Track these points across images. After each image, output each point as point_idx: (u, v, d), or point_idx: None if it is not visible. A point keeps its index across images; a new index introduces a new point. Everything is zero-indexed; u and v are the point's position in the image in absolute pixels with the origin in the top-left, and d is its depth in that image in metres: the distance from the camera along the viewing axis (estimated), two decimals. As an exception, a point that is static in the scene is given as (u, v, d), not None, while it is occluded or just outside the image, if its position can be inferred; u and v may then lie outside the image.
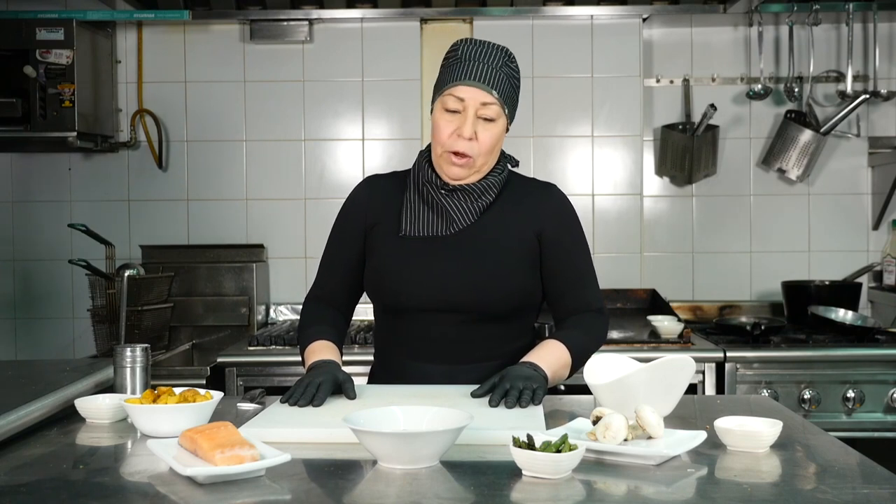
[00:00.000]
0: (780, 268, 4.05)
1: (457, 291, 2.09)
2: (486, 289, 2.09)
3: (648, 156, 4.09)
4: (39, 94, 3.59)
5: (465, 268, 2.09)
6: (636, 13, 3.93)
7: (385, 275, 2.14)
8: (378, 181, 2.26)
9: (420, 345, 2.14)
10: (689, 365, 1.90)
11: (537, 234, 2.15)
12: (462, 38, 2.13)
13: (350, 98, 4.02)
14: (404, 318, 2.14)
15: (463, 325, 2.11)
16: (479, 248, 2.11)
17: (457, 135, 2.05)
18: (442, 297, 2.09)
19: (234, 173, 4.04)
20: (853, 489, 1.44)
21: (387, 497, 1.40)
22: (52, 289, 4.03)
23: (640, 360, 1.96)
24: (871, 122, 4.06)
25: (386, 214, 2.17)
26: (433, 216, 2.12)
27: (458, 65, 2.06)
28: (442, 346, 2.13)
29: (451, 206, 2.11)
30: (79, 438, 1.85)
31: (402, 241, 2.13)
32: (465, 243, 2.11)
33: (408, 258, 2.12)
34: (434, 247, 2.11)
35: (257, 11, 3.89)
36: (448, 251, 2.11)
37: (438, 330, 2.12)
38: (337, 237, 2.25)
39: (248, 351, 3.28)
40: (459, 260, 2.10)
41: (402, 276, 2.12)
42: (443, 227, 2.12)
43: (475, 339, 2.13)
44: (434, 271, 2.10)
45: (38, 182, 4.03)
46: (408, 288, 2.11)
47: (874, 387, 3.21)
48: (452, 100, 2.05)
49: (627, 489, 1.46)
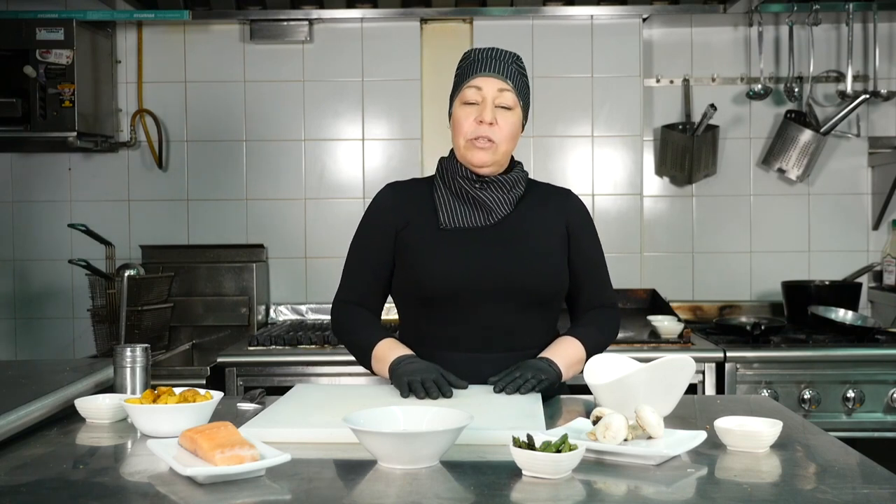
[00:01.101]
0: (780, 268, 4.05)
1: (504, 275, 2.15)
2: (531, 272, 2.16)
3: (648, 156, 4.09)
4: (39, 94, 3.59)
5: (510, 254, 2.17)
6: (636, 13, 3.93)
7: (430, 265, 2.16)
8: (401, 186, 2.32)
9: (467, 334, 2.16)
10: (689, 365, 1.90)
11: (566, 229, 2.26)
12: (472, 48, 2.28)
13: (350, 98, 4.02)
14: (448, 308, 2.16)
15: (505, 311, 2.16)
16: (519, 236, 2.19)
17: (477, 122, 2.15)
18: (490, 281, 2.14)
19: (234, 173, 4.04)
20: (853, 489, 1.44)
21: (387, 497, 1.40)
22: (52, 289, 4.03)
23: (640, 360, 1.96)
24: (871, 122, 4.06)
25: (418, 214, 2.22)
26: (469, 209, 2.20)
27: (473, 64, 2.19)
28: (490, 334, 2.16)
29: (488, 197, 2.19)
30: (79, 438, 1.85)
31: (441, 233, 2.18)
32: (504, 232, 2.19)
33: (452, 248, 2.17)
34: (475, 236, 2.18)
35: (257, 11, 3.89)
36: (490, 239, 2.18)
37: (485, 318, 2.16)
38: (365, 240, 2.27)
39: (248, 351, 3.28)
40: (503, 247, 2.17)
41: (449, 265, 2.15)
42: (481, 219, 2.19)
43: (518, 327, 2.18)
44: (480, 258, 2.15)
45: (38, 182, 4.03)
46: (456, 274, 2.14)
47: (874, 387, 3.21)
48: (471, 91, 2.16)
49: (627, 489, 1.46)
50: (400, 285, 2.23)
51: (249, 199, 4.04)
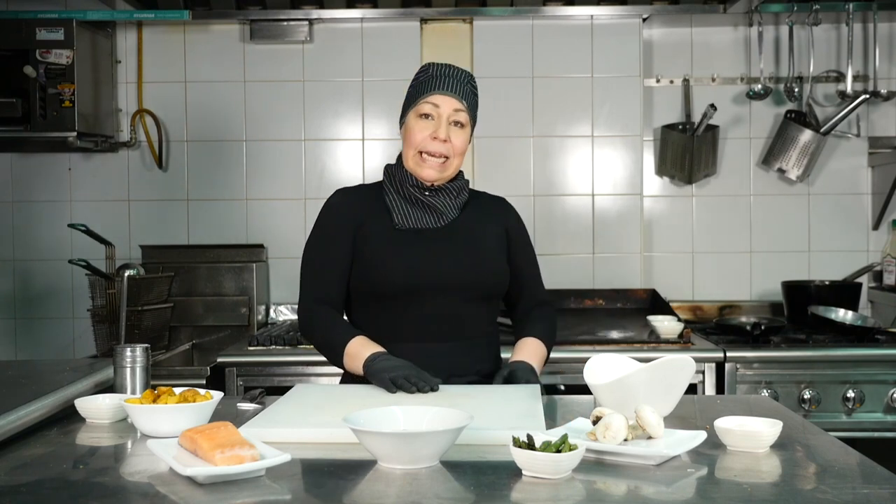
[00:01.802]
0: (780, 268, 4.05)
1: (456, 271, 2.30)
2: (479, 269, 2.33)
3: (648, 156, 4.09)
4: (39, 94, 3.59)
5: (460, 252, 2.32)
6: (636, 13, 3.93)
7: (388, 263, 2.28)
8: (351, 190, 2.45)
9: (420, 325, 2.29)
10: (689, 365, 1.90)
11: (506, 231, 2.45)
12: (430, 62, 2.39)
13: (350, 98, 4.02)
14: (402, 302, 2.28)
15: (456, 304, 2.30)
16: (467, 237, 2.36)
17: (431, 137, 2.28)
18: (444, 277, 2.29)
19: (234, 173, 4.04)
20: (853, 489, 1.44)
21: (387, 497, 1.41)
22: (52, 289, 4.03)
23: (640, 360, 1.96)
24: (871, 122, 4.06)
25: (372, 215, 2.34)
26: (421, 212, 2.34)
27: (431, 80, 2.32)
28: (441, 325, 2.30)
29: (438, 202, 2.34)
30: (79, 438, 1.85)
31: (397, 233, 2.32)
32: (453, 233, 2.35)
33: (408, 247, 2.30)
34: (428, 237, 2.33)
35: (257, 11, 3.89)
36: (442, 240, 2.33)
37: (437, 310, 2.29)
38: (327, 242, 2.35)
39: (248, 351, 3.28)
40: (453, 246, 2.33)
41: (406, 263, 2.28)
42: (432, 221, 2.34)
43: (465, 318, 2.32)
44: (434, 256, 2.30)
45: (38, 182, 4.03)
46: (413, 271, 2.27)
47: (874, 387, 3.21)
48: (428, 106, 2.30)
49: (627, 489, 1.46)
50: (355, 281, 2.33)
51: (249, 199, 4.04)
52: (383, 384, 2.08)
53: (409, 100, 2.36)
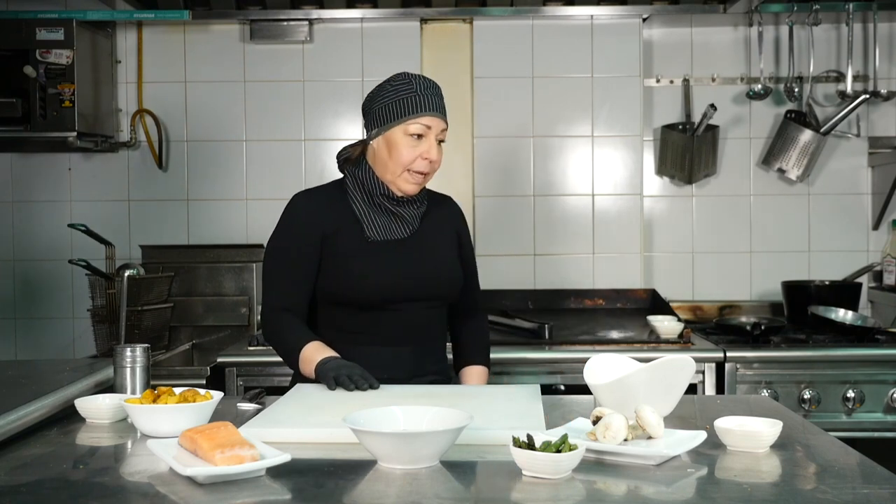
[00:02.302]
0: (780, 268, 4.05)
1: (424, 281, 2.38)
2: (444, 278, 2.43)
3: (648, 156, 4.09)
4: (39, 94, 3.59)
5: (426, 261, 2.40)
6: (636, 13, 3.93)
7: (360, 276, 2.33)
8: (315, 194, 2.48)
9: (387, 331, 2.36)
10: (689, 365, 1.90)
11: (457, 234, 2.54)
12: (406, 73, 2.40)
13: (350, 98, 4.02)
14: (370, 309, 2.34)
15: (422, 311, 2.39)
16: (430, 246, 2.43)
17: (422, 157, 2.33)
18: (413, 287, 2.36)
19: (234, 173, 4.04)
20: (853, 489, 1.44)
21: (387, 497, 1.41)
22: (52, 289, 4.03)
23: (639, 360, 1.96)
24: (871, 122, 4.06)
25: (342, 223, 2.38)
26: (389, 223, 2.38)
27: (419, 98, 2.33)
28: (407, 331, 2.37)
29: (406, 213, 2.40)
30: (79, 438, 1.85)
31: (368, 245, 2.36)
32: (419, 242, 2.42)
33: (380, 258, 2.35)
34: (398, 247, 2.38)
35: (257, 11, 3.89)
36: (409, 250, 2.39)
37: (403, 317, 2.36)
38: (292, 247, 2.38)
39: (248, 351, 3.28)
40: (420, 256, 2.40)
41: (378, 274, 2.33)
42: (400, 231, 2.39)
43: (431, 322, 2.42)
44: (404, 267, 2.36)
45: (38, 182, 4.03)
46: (386, 283, 2.33)
47: (874, 387, 3.21)
48: (420, 127, 2.32)
49: (627, 489, 1.46)
50: (324, 289, 2.37)
51: (249, 199, 4.04)
52: (326, 382, 2.14)
53: (394, 114, 2.34)
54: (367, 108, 2.42)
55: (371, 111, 2.39)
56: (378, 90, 2.39)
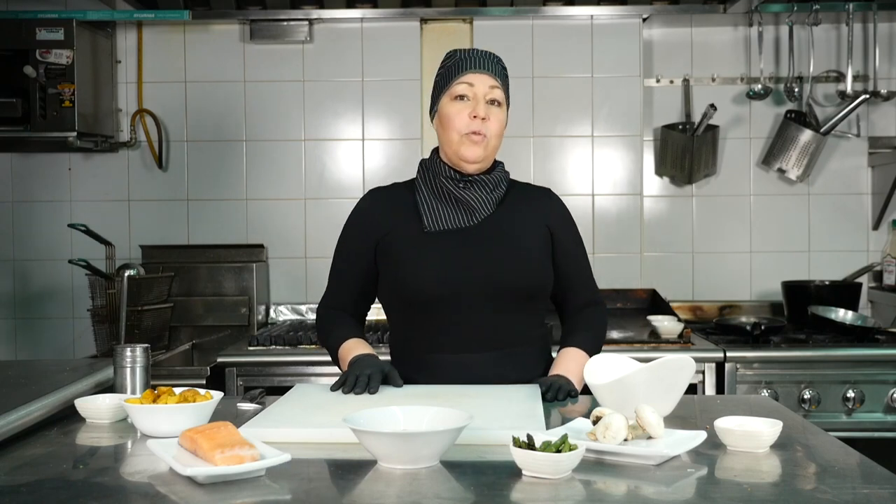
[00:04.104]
0: (780, 268, 4.05)
1: (487, 275, 2.16)
2: (513, 271, 2.18)
3: (648, 156, 4.09)
4: (39, 94, 3.59)
5: (492, 253, 2.18)
6: (636, 13, 3.93)
7: (415, 270, 2.17)
8: (382, 192, 2.33)
9: (453, 336, 2.18)
10: (689, 365, 1.90)
11: (549, 228, 2.30)
12: (455, 49, 2.26)
13: (350, 98, 4.02)
14: (433, 311, 2.17)
15: (492, 311, 2.17)
16: (501, 235, 2.21)
17: (471, 117, 2.15)
18: (474, 282, 2.16)
19: (234, 173, 4.04)
20: (853, 489, 1.44)
21: (387, 497, 1.40)
22: (52, 289, 4.03)
23: (640, 360, 1.96)
24: (871, 122, 4.07)
25: (400, 219, 2.23)
26: (453, 210, 2.20)
27: (463, 62, 2.19)
28: (475, 335, 2.18)
29: (471, 197, 2.19)
30: (79, 438, 1.85)
31: (426, 237, 2.19)
32: (486, 232, 2.20)
33: (436, 251, 2.18)
34: (459, 238, 2.19)
35: (257, 11, 3.89)
36: (473, 240, 2.19)
37: (470, 319, 2.17)
38: (346, 250, 2.31)
39: (248, 351, 3.28)
40: (485, 247, 2.19)
41: (434, 269, 2.17)
42: (464, 219, 2.20)
43: (503, 326, 2.19)
44: (464, 259, 2.17)
45: (38, 182, 4.03)
46: (442, 278, 2.16)
47: (874, 387, 3.21)
48: (463, 86, 2.17)
49: (627, 489, 1.46)
50: (385, 291, 2.26)
51: (249, 199, 4.04)
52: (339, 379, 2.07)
53: (439, 86, 2.23)
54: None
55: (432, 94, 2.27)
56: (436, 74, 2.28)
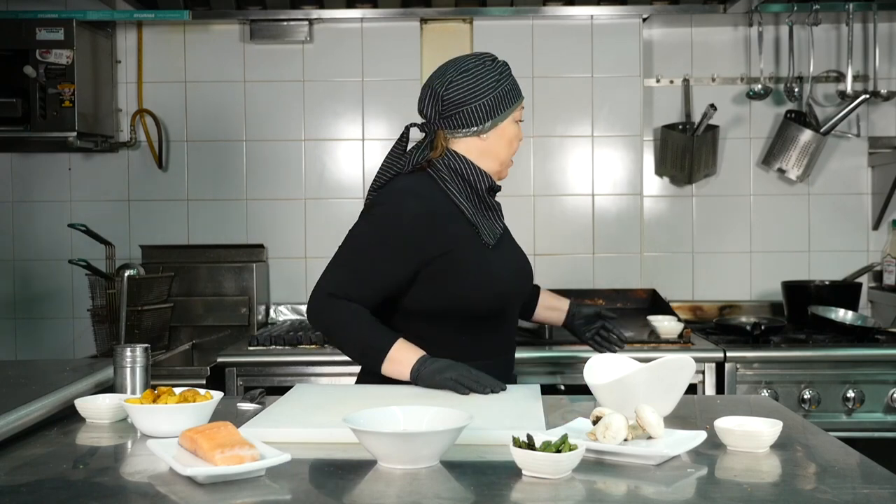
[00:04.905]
0: (780, 268, 4.05)
1: (529, 277, 2.35)
2: (531, 274, 2.37)
3: (648, 156, 4.09)
4: (39, 94, 3.59)
5: (524, 259, 2.35)
6: (636, 13, 3.93)
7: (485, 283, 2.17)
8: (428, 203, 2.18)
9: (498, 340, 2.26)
10: (689, 365, 1.90)
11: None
12: (483, 56, 2.26)
13: (350, 98, 4.02)
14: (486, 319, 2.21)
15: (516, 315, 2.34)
16: (513, 240, 2.37)
17: (519, 141, 2.28)
18: (525, 285, 2.33)
19: (234, 173, 4.04)
20: (853, 489, 1.44)
21: (387, 497, 1.40)
22: (52, 289, 4.03)
23: (639, 360, 1.96)
24: (871, 122, 4.06)
25: (456, 235, 2.17)
26: (493, 220, 2.26)
27: (514, 80, 2.26)
28: (512, 337, 2.33)
29: (497, 203, 2.30)
30: (79, 438, 1.85)
31: (485, 250, 2.21)
32: (509, 238, 2.34)
33: (497, 263, 2.22)
34: (504, 247, 2.28)
35: (257, 11, 3.89)
36: (508, 247, 2.31)
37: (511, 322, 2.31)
38: (389, 253, 2.14)
39: (248, 351, 3.28)
40: (519, 253, 2.35)
41: (503, 280, 2.22)
42: (499, 226, 2.28)
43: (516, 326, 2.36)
44: (516, 268, 2.29)
45: (38, 182, 4.03)
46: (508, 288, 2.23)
47: (874, 387, 3.21)
48: (522, 111, 2.28)
49: (627, 489, 1.46)
50: (440, 304, 2.17)
51: (249, 199, 4.04)
52: (445, 386, 2.02)
53: (507, 103, 2.21)
54: (455, 101, 2.18)
55: (472, 105, 2.18)
56: (471, 81, 2.18)
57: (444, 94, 2.19)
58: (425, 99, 2.23)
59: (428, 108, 2.22)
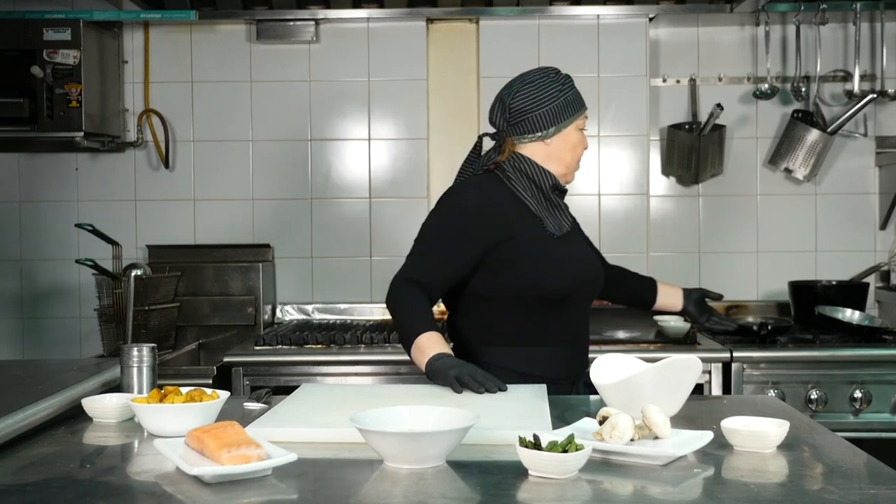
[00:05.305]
0: (787, 268, 4.04)
1: (595, 276, 2.45)
2: (601, 271, 2.49)
3: (655, 155, 4.09)
4: (46, 94, 3.59)
5: (590, 255, 2.50)
6: (642, 13, 3.93)
7: (548, 271, 2.31)
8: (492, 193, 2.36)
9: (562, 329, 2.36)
10: (696, 365, 1.90)
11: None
12: (546, 69, 2.43)
13: (356, 98, 4.02)
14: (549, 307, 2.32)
15: (585, 308, 2.44)
16: (583, 240, 2.53)
17: (583, 148, 2.44)
18: (586, 282, 2.41)
19: (240, 173, 4.04)
20: (860, 489, 1.44)
21: (393, 497, 1.41)
22: (59, 288, 4.04)
23: (646, 360, 1.96)
24: (878, 122, 4.05)
25: (520, 224, 2.33)
26: (561, 216, 2.40)
27: (577, 91, 2.44)
28: (581, 328, 2.42)
29: (565, 203, 2.45)
30: (86, 438, 1.85)
31: (551, 240, 2.35)
32: (576, 236, 2.47)
33: (565, 252, 2.36)
34: (570, 241, 2.41)
35: (264, 11, 3.89)
36: (574, 243, 2.44)
37: (574, 314, 2.39)
38: (458, 240, 2.30)
39: (254, 350, 3.29)
40: (584, 250, 2.49)
41: (567, 269, 2.34)
42: (567, 224, 2.41)
43: (587, 320, 2.46)
44: (580, 261, 2.42)
45: (45, 182, 4.04)
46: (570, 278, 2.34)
47: (881, 387, 3.20)
48: (585, 120, 2.44)
49: (634, 489, 1.46)
50: (507, 289, 2.31)
51: (256, 199, 4.05)
52: (447, 382, 2.08)
53: (569, 111, 2.39)
54: (522, 109, 2.35)
55: (536, 112, 2.34)
56: (536, 90, 2.35)
57: (511, 104, 2.35)
58: (495, 109, 2.40)
59: (497, 118, 2.39)
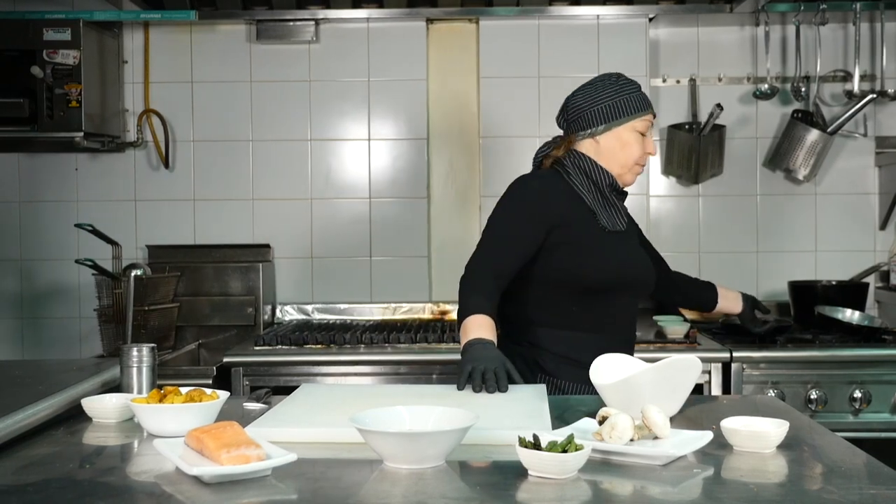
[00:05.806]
0: (787, 268, 4.04)
1: (645, 273, 2.52)
2: (652, 271, 2.56)
3: (655, 156, 4.08)
4: (46, 94, 3.59)
5: (641, 254, 2.56)
6: (642, 13, 3.93)
7: (598, 261, 2.41)
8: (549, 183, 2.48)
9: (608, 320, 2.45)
10: (696, 365, 1.90)
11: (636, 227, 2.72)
12: (615, 73, 2.50)
13: (356, 98, 4.02)
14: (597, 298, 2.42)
15: (633, 303, 2.53)
16: (635, 239, 2.61)
17: (645, 152, 2.48)
18: (636, 277, 2.49)
19: (240, 173, 4.04)
20: (860, 490, 1.44)
21: (393, 497, 1.41)
22: (59, 288, 4.04)
23: (646, 360, 1.96)
24: (878, 122, 4.06)
25: (574, 214, 2.44)
26: (615, 214, 2.49)
27: (642, 99, 2.47)
28: (621, 322, 2.49)
29: (622, 205, 2.53)
30: (85, 438, 1.85)
31: (603, 234, 2.45)
32: (629, 236, 2.55)
33: (614, 246, 2.45)
34: (623, 238, 2.50)
35: (263, 11, 3.89)
36: (631, 241, 2.55)
37: (621, 307, 2.47)
38: (518, 229, 2.42)
39: (254, 351, 3.29)
40: (636, 248, 2.57)
41: (612, 262, 2.43)
42: (622, 222, 2.50)
43: (635, 317, 2.56)
44: (630, 258, 2.50)
45: (44, 182, 4.04)
46: (619, 271, 2.43)
47: (881, 387, 3.20)
48: (645, 124, 2.47)
49: (633, 489, 1.46)
50: (555, 274, 2.42)
51: (256, 199, 4.05)
52: (461, 373, 2.13)
53: (623, 111, 2.44)
54: (578, 106, 2.46)
55: (589, 109, 2.44)
56: (592, 90, 2.46)
57: (570, 101, 2.49)
58: (560, 111, 2.53)
59: (560, 118, 2.53)
